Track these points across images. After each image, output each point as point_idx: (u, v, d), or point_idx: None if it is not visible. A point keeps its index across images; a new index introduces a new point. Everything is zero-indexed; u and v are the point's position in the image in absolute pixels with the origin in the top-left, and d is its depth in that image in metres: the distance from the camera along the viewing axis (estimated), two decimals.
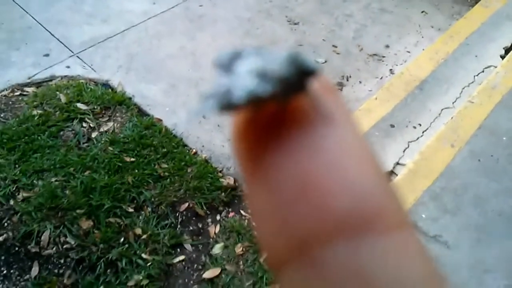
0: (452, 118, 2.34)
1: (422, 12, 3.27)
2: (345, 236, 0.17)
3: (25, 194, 1.84)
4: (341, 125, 0.18)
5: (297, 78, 0.17)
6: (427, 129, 2.34)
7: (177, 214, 1.90)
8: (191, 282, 1.72)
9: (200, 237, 1.85)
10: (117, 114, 2.28)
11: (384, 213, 0.17)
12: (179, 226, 1.87)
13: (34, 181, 1.90)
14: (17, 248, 1.72)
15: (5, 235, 1.74)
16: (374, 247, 0.17)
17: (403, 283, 0.16)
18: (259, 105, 0.17)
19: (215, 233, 1.86)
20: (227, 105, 0.16)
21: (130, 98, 2.39)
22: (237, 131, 0.20)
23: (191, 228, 1.88)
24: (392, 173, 2.11)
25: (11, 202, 1.82)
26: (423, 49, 2.91)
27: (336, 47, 2.92)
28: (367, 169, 0.18)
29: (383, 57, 2.87)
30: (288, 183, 0.18)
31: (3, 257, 1.70)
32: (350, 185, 0.17)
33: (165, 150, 2.09)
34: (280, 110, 0.19)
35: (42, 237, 1.73)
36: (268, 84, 0.16)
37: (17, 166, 1.94)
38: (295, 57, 0.17)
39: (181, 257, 1.78)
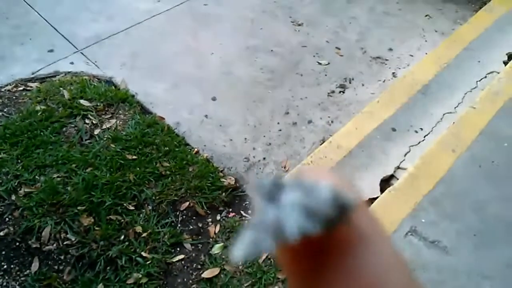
0: (453, 123, 2.34)
1: (426, 16, 3.28)
2: None
3: (26, 190, 1.85)
4: (378, 246, 0.22)
5: (340, 215, 0.19)
6: (428, 133, 2.34)
7: (178, 213, 1.91)
8: (190, 281, 1.72)
9: (200, 237, 1.86)
10: (120, 112, 2.29)
11: None
12: (179, 225, 1.88)
13: (36, 177, 1.90)
14: (17, 243, 1.73)
15: (6, 230, 1.75)
16: None
17: None
18: (307, 238, 0.19)
19: (215, 233, 1.87)
20: (280, 240, 0.18)
21: (133, 96, 2.40)
22: (286, 258, 0.23)
23: (191, 227, 1.89)
24: (392, 177, 2.12)
25: (13, 197, 1.83)
26: (426, 53, 2.91)
27: (339, 49, 2.92)
28: (403, 280, 0.22)
29: (386, 60, 2.88)
30: None
31: (3, 252, 1.71)
32: None
33: (167, 148, 2.10)
34: (324, 239, 0.21)
35: (43, 233, 1.74)
36: (316, 222, 0.18)
37: (19, 161, 1.95)
38: (339, 198, 0.19)
39: (181, 256, 1.78)
